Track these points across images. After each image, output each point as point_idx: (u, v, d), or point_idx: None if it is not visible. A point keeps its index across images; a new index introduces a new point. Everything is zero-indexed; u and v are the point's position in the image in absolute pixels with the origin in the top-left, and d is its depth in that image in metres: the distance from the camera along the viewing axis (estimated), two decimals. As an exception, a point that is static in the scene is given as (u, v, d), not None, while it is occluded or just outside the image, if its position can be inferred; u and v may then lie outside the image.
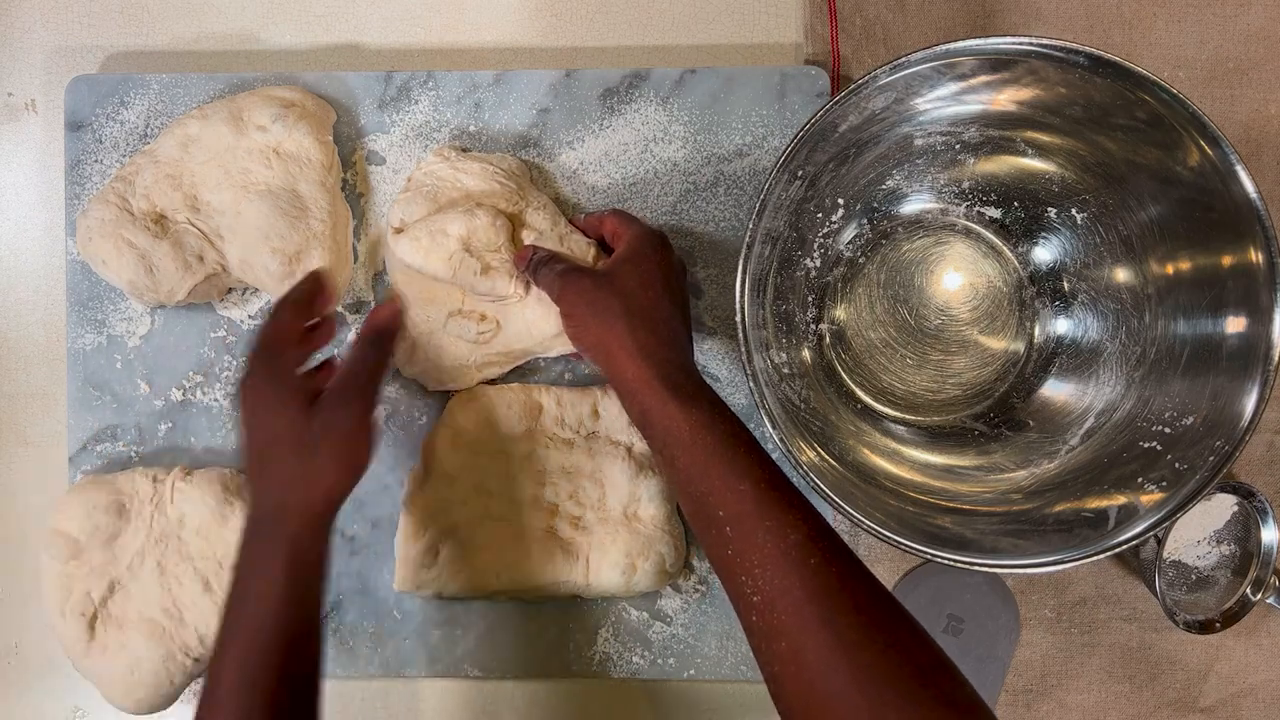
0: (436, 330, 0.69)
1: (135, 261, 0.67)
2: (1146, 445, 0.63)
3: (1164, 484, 0.60)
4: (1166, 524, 0.59)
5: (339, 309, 0.72)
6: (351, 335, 0.72)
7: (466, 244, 0.66)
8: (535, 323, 0.68)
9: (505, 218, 0.67)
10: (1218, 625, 0.70)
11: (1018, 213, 0.70)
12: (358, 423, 0.58)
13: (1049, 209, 0.69)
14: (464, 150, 0.71)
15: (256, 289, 0.72)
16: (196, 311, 0.72)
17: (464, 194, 0.68)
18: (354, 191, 0.73)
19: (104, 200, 0.68)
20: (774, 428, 0.59)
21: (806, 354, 0.71)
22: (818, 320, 0.72)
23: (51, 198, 0.75)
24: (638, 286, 0.61)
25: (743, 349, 0.60)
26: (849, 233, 0.71)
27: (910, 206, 0.71)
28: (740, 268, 0.60)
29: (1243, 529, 0.71)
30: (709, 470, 0.53)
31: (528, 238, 0.68)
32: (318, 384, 0.60)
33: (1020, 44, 0.59)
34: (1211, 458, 0.59)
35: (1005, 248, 0.72)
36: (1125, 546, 0.59)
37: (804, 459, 0.60)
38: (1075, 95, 0.62)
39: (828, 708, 0.47)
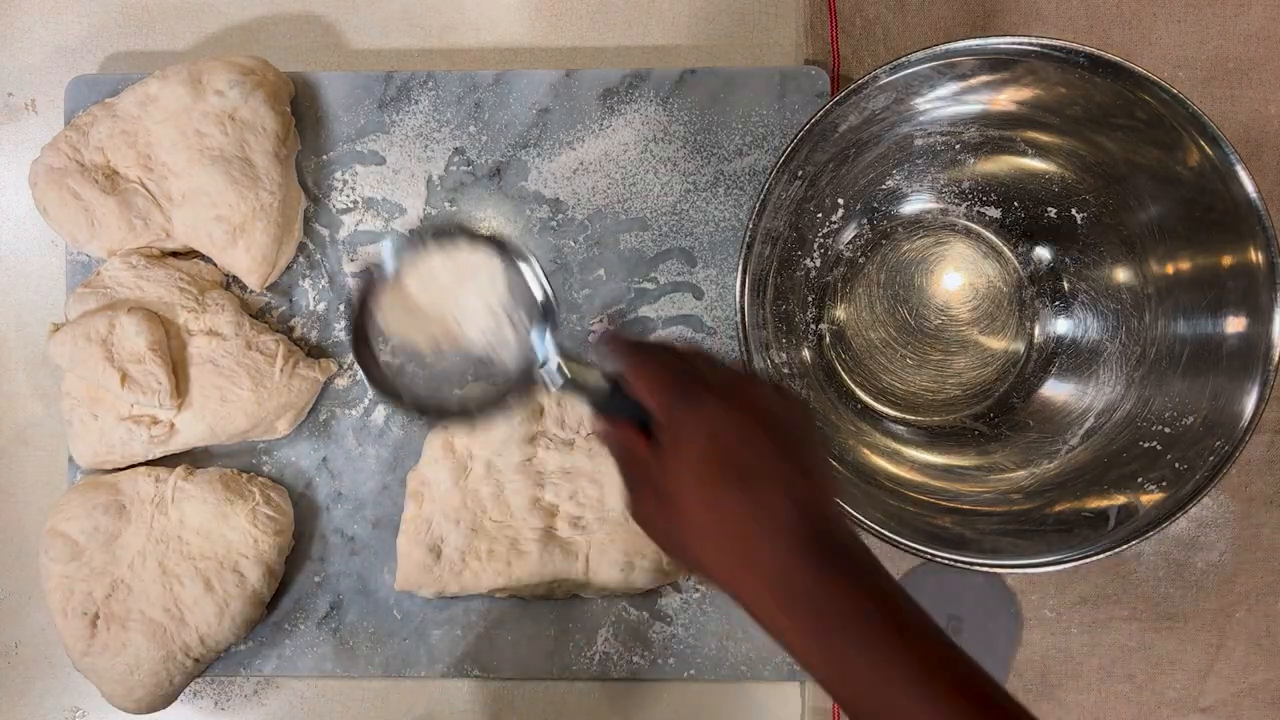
0: (109, 431, 0.67)
1: (79, 213, 0.68)
2: (1146, 445, 0.63)
3: (1164, 484, 0.60)
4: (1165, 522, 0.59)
5: (267, 294, 0.72)
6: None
7: (108, 352, 0.65)
8: (221, 422, 0.68)
9: (160, 326, 0.66)
10: None
11: (1018, 213, 0.70)
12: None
13: (1049, 209, 0.69)
14: (159, 256, 0.70)
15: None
16: (196, 311, 0.72)
17: (138, 300, 0.68)
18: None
19: (55, 148, 0.69)
20: (774, 428, 0.59)
21: (806, 354, 0.71)
22: (818, 320, 0.72)
23: (51, 198, 0.75)
24: (695, 483, 0.46)
25: (742, 349, 0.60)
26: (849, 233, 0.71)
27: (910, 206, 0.71)
28: (740, 268, 0.60)
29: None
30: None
31: (207, 343, 0.67)
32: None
33: (1020, 44, 0.59)
34: (1211, 458, 0.59)
35: (1005, 248, 0.72)
36: (1125, 546, 0.59)
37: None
38: (1075, 95, 0.62)
39: None
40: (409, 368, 0.54)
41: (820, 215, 0.70)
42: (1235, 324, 0.60)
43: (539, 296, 0.52)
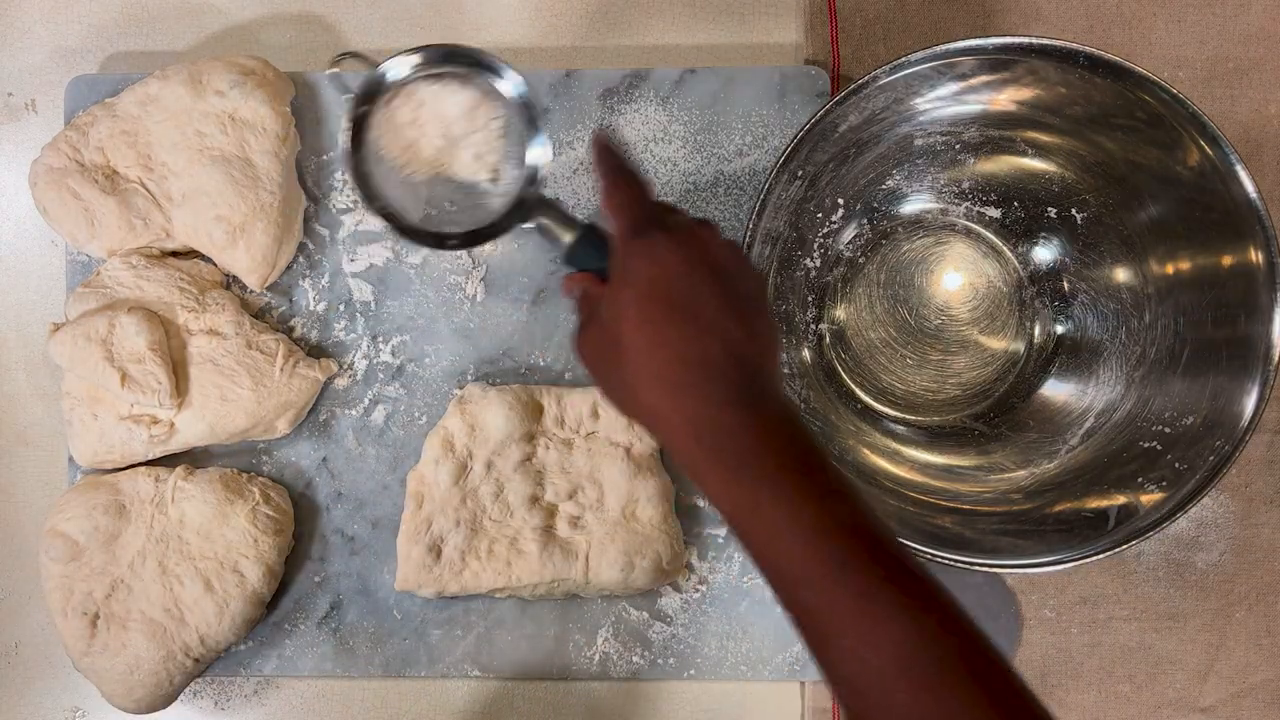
0: (109, 431, 0.68)
1: (79, 213, 0.68)
2: (1146, 445, 0.63)
3: (1164, 484, 0.60)
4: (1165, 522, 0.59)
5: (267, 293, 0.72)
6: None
7: (108, 352, 0.65)
8: (221, 421, 0.68)
9: (160, 325, 0.67)
10: None
11: (1018, 213, 0.70)
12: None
13: (1049, 209, 0.69)
14: (159, 256, 0.70)
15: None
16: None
17: (138, 300, 0.68)
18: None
19: (55, 148, 0.69)
20: (774, 428, 0.59)
21: (806, 354, 0.71)
22: (818, 320, 0.72)
23: (51, 198, 0.75)
24: (639, 318, 0.46)
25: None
26: (849, 233, 0.71)
27: (910, 206, 0.71)
28: (740, 268, 0.60)
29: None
30: (776, 541, 0.42)
31: (207, 343, 0.68)
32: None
33: (1020, 44, 0.59)
34: (1211, 458, 0.59)
35: (1005, 248, 0.72)
36: (1125, 546, 0.59)
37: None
38: (1075, 95, 0.62)
39: None
40: (396, 189, 0.55)
41: (820, 215, 0.70)
42: (1235, 324, 0.60)
43: (535, 147, 0.54)
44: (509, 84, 0.54)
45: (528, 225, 0.53)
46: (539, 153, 0.54)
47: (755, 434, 0.44)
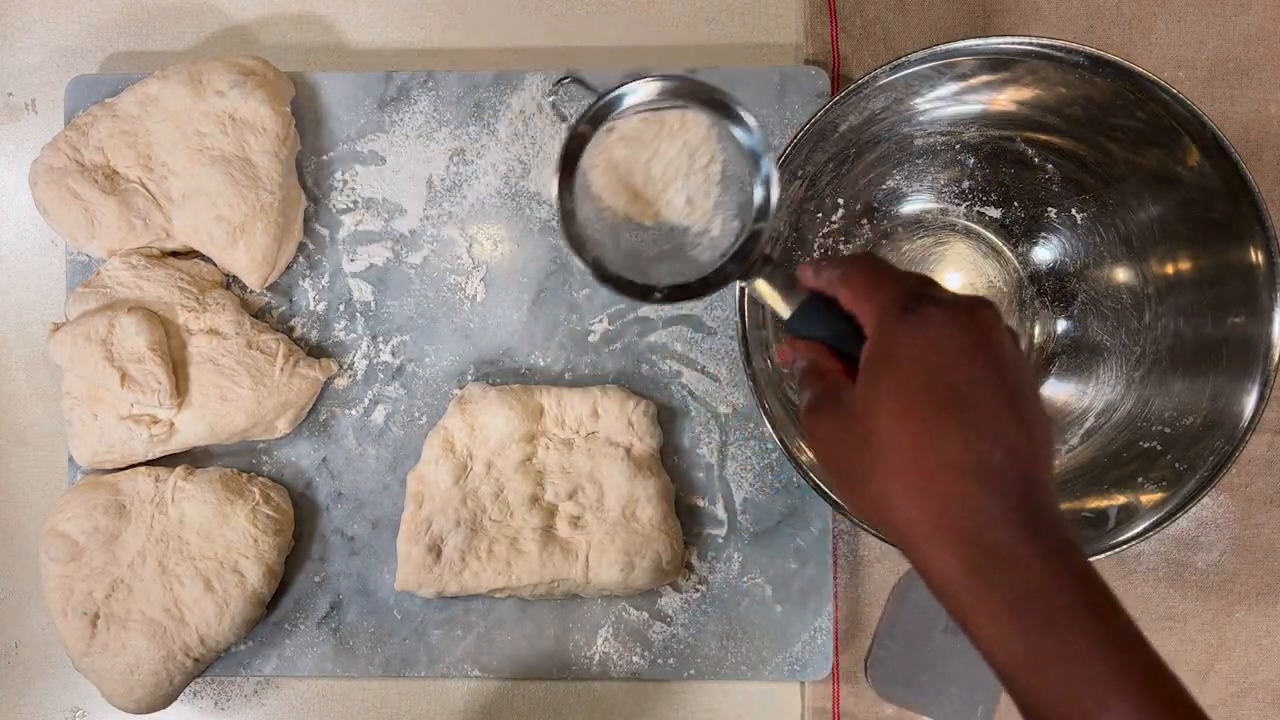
0: (109, 431, 0.68)
1: (79, 213, 0.68)
2: (1146, 445, 0.63)
3: (1164, 484, 0.60)
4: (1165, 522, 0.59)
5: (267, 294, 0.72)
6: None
7: (108, 352, 0.65)
8: (221, 421, 0.68)
9: (160, 325, 0.67)
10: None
11: (1018, 213, 0.70)
12: None
13: (1049, 209, 0.69)
14: (159, 256, 0.70)
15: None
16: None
17: (138, 300, 0.68)
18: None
19: (55, 148, 0.69)
20: (774, 428, 0.59)
21: (806, 354, 0.71)
22: (818, 320, 0.72)
23: (51, 198, 0.75)
24: (902, 410, 0.39)
25: (742, 349, 0.60)
26: (849, 233, 0.71)
27: (910, 206, 0.71)
28: (740, 268, 0.60)
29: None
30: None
31: (207, 342, 0.68)
32: None
33: (1020, 44, 0.59)
34: (1211, 458, 0.59)
35: (1005, 248, 0.72)
36: (1125, 546, 0.59)
37: (804, 459, 0.60)
38: (1075, 95, 0.62)
39: None
40: (598, 226, 0.50)
41: (820, 215, 0.70)
42: (1235, 324, 0.60)
43: (759, 194, 0.48)
44: (742, 132, 0.49)
45: (744, 283, 0.48)
46: (766, 205, 0.48)
47: (1043, 566, 0.37)
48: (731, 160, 0.50)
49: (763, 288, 0.48)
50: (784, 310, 0.47)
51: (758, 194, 0.48)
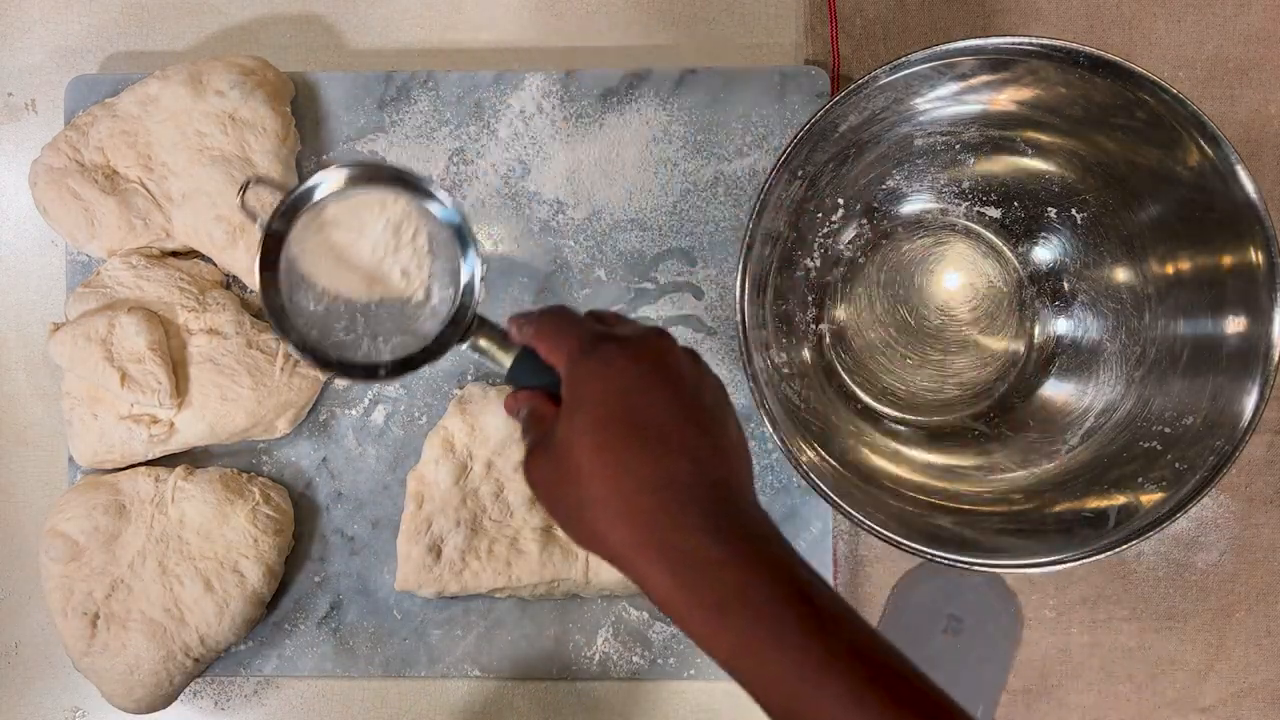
0: (109, 431, 0.68)
1: (79, 213, 0.68)
2: (1146, 445, 0.63)
3: (1164, 484, 0.60)
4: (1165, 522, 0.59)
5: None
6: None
7: (108, 352, 0.65)
8: (221, 421, 0.68)
9: (160, 325, 0.67)
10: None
11: (1018, 213, 0.70)
12: None
13: (1049, 209, 0.69)
14: (159, 256, 0.70)
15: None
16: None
17: (138, 300, 0.68)
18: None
19: (55, 148, 0.69)
20: (774, 428, 0.59)
21: (806, 354, 0.71)
22: (818, 320, 0.72)
23: (51, 198, 0.75)
24: (596, 442, 0.42)
25: (742, 349, 0.60)
26: (849, 233, 0.71)
27: (910, 206, 0.71)
28: (740, 268, 0.60)
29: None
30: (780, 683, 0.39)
31: (207, 342, 0.67)
32: None
33: (1020, 44, 0.59)
34: (1211, 458, 0.59)
35: (1005, 248, 0.72)
36: (1125, 546, 0.59)
37: (804, 459, 0.60)
38: (1075, 95, 0.62)
39: None
40: (315, 315, 0.51)
41: (820, 215, 0.70)
42: (1235, 324, 0.60)
43: (466, 269, 0.51)
44: (436, 205, 0.51)
45: (463, 346, 0.50)
46: (471, 270, 0.50)
47: (740, 565, 0.40)
48: (436, 230, 0.51)
49: (483, 346, 0.50)
50: (504, 363, 0.50)
51: (465, 271, 0.51)
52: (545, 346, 0.47)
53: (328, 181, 0.50)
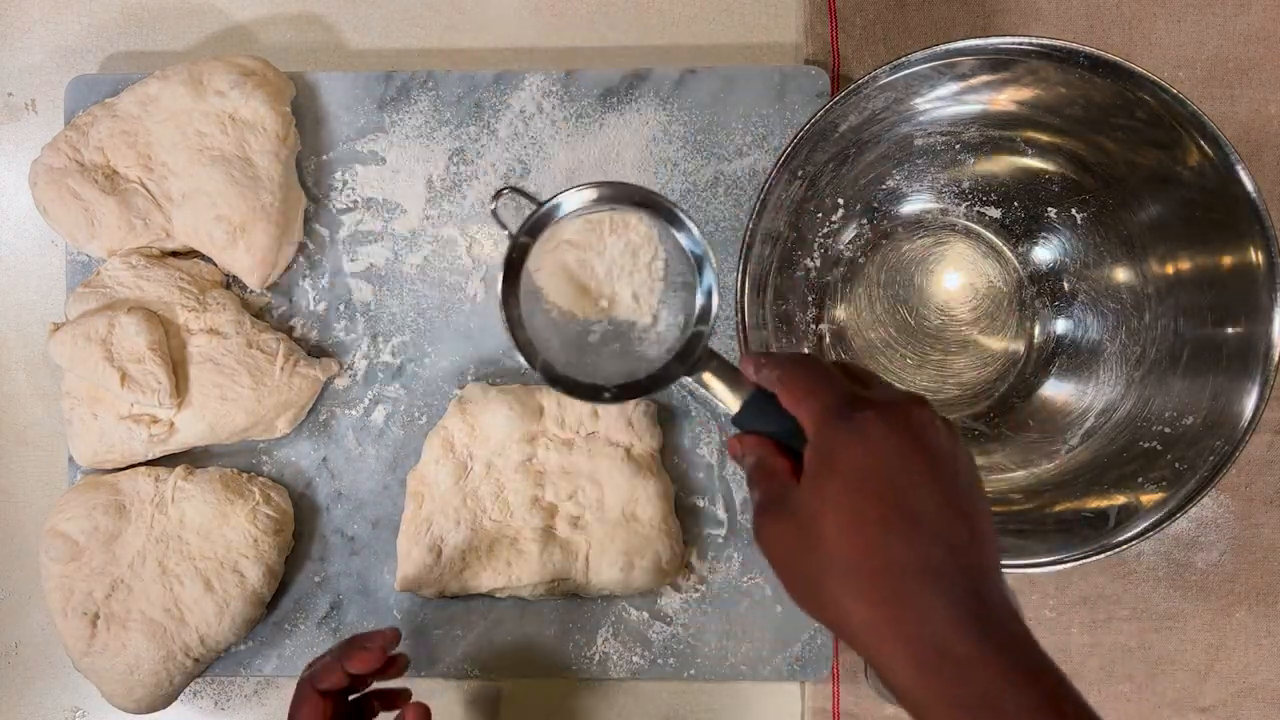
0: (109, 431, 0.68)
1: (79, 213, 0.68)
2: (1146, 445, 0.63)
3: (1164, 484, 0.60)
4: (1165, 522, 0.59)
5: (269, 294, 0.72)
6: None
7: (108, 352, 0.65)
8: (221, 420, 0.68)
9: (159, 325, 0.67)
10: None
11: (1018, 213, 0.70)
12: None
13: (1049, 209, 0.69)
14: (159, 256, 0.70)
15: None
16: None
17: (138, 300, 0.68)
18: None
19: (55, 148, 0.69)
20: (774, 428, 0.59)
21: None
22: (818, 320, 0.72)
23: (51, 198, 0.75)
24: (847, 518, 0.41)
25: (742, 349, 0.60)
26: (849, 233, 0.71)
27: (910, 206, 0.71)
28: (740, 268, 0.60)
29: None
30: None
31: (207, 342, 0.67)
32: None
33: (1020, 44, 0.59)
34: (1211, 458, 0.59)
35: (1005, 248, 0.72)
36: (1125, 546, 0.59)
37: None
38: (1075, 95, 0.62)
39: None
40: (546, 328, 0.51)
41: (820, 215, 0.70)
42: (1235, 324, 0.60)
43: (701, 298, 0.50)
44: (684, 234, 0.50)
45: (689, 379, 0.49)
46: (707, 301, 0.49)
47: (994, 666, 0.37)
48: (674, 257, 0.51)
49: (710, 381, 0.49)
50: (732, 405, 0.48)
51: (699, 300, 0.50)
52: (792, 397, 0.45)
53: (575, 197, 0.50)
